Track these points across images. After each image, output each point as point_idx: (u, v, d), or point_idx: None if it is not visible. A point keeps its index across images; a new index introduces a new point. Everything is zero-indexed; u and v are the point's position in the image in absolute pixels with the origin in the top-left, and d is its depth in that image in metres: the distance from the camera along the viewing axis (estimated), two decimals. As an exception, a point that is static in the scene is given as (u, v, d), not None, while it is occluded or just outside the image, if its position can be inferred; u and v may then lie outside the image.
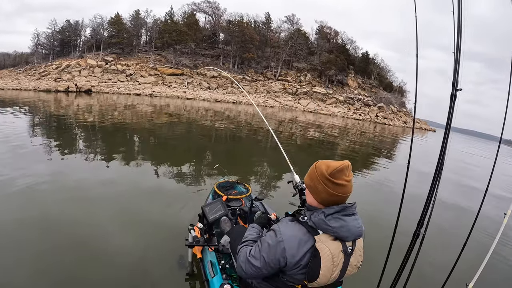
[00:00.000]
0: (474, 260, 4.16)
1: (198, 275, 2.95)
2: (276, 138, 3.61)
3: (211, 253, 2.74)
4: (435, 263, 4.13)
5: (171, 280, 3.01)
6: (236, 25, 58.14)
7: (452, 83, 1.86)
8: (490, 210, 7.58)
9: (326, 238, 1.60)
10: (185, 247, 2.86)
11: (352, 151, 14.49)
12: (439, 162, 1.94)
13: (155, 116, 17.77)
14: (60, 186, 5.09)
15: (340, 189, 1.58)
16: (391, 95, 70.12)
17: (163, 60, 53.41)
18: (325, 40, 69.31)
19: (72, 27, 59.73)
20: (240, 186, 4.18)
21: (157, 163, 7.39)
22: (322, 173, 1.61)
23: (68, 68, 45.87)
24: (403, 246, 2.20)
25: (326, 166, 1.62)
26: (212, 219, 2.73)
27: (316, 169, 1.67)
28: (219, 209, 2.91)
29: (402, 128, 49.72)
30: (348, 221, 1.61)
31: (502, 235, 2.53)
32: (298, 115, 37.46)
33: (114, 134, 10.73)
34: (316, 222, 1.62)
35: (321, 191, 1.62)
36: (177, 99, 36.04)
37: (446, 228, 5.86)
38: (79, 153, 7.49)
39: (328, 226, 1.59)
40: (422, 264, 2.91)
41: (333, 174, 1.58)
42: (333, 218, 1.60)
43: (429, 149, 21.79)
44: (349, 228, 1.61)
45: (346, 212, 1.62)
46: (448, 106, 1.89)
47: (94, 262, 3.10)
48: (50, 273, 2.89)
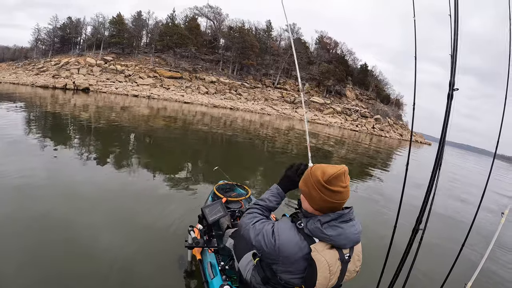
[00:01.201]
0: (473, 260, 4.41)
1: (198, 276, 2.95)
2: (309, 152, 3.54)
3: (211, 254, 2.76)
4: (434, 262, 4.16)
5: (170, 281, 3.01)
6: (237, 32, 58.44)
7: (449, 83, 1.92)
8: (488, 209, 8.01)
9: (323, 247, 1.55)
10: (184, 248, 2.87)
11: (348, 160, 14.44)
12: (437, 161, 1.97)
13: (153, 118, 17.72)
14: (55, 184, 5.01)
15: (336, 196, 1.53)
16: (388, 108, 70.59)
17: (163, 62, 53.35)
18: (324, 50, 69.87)
19: (73, 25, 59.80)
20: (240, 188, 4.16)
21: (157, 165, 7.35)
22: (318, 179, 1.55)
23: (67, 65, 45.77)
24: (403, 245, 2.21)
25: (322, 172, 1.56)
26: (211, 220, 2.70)
27: (311, 175, 1.61)
28: (219, 210, 2.86)
29: (398, 141, 50.00)
30: (345, 228, 1.57)
31: (500, 235, 2.56)
32: (295, 123, 37.43)
33: (111, 134, 10.63)
34: (312, 230, 1.57)
35: (317, 198, 1.56)
36: (175, 103, 35.95)
37: (445, 227, 5.94)
38: (81, 153, 7.32)
39: (324, 234, 1.54)
40: (422, 264, 2.90)
41: (329, 181, 1.52)
42: (329, 226, 1.55)
43: (422, 164, 21.83)
44: (346, 236, 1.57)
45: (343, 219, 1.57)
46: (445, 108, 1.95)
47: (94, 262, 3.09)
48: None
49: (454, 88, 1.91)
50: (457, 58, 1.91)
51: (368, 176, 10.83)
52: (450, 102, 1.93)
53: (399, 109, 77.51)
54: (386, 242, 2.72)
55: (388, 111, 68.41)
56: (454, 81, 1.91)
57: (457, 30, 1.89)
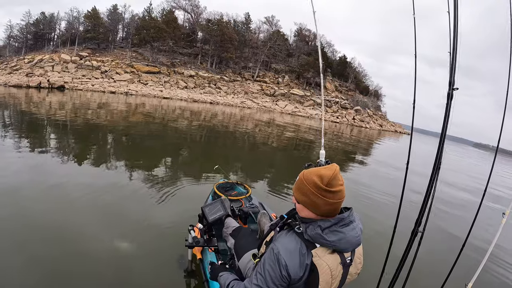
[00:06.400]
0: (473, 260, 4.29)
1: (198, 276, 2.98)
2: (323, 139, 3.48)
3: (211, 253, 2.77)
4: (435, 262, 4.20)
5: (171, 280, 3.03)
6: (215, 24, 57.63)
7: (448, 83, 1.86)
8: (489, 209, 8.02)
9: (324, 252, 1.54)
10: (185, 247, 2.88)
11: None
12: (437, 161, 1.94)
13: (133, 115, 17.36)
14: (42, 187, 4.96)
15: (337, 195, 1.53)
16: (367, 99, 71.53)
17: (140, 57, 52.33)
18: (303, 42, 70.01)
19: (47, 20, 57.76)
20: (240, 187, 4.22)
21: (156, 164, 7.35)
22: (317, 185, 1.53)
23: (41, 62, 44.29)
24: (403, 245, 2.19)
25: (318, 176, 1.54)
26: (212, 219, 2.74)
27: (307, 182, 1.58)
28: (219, 209, 2.93)
29: (378, 131, 51.02)
30: (346, 232, 1.56)
31: (501, 235, 2.57)
32: (275, 116, 37.62)
33: (98, 134, 10.37)
34: (313, 236, 1.55)
35: (321, 204, 1.54)
36: (154, 98, 35.46)
37: (445, 228, 5.98)
38: (68, 154, 7.20)
39: (325, 240, 1.53)
40: (422, 264, 2.94)
41: (330, 184, 1.51)
42: (330, 232, 1.54)
43: (405, 150, 22.19)
44: (347, 240, 1.56)
45: (343, 223, 1.57)
46: (445, 106, 1.87)
47: (93, 262, 3.11)
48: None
49: (454, 87, 1.84)
50: (456, 56, 1.84)
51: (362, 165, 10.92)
52: (450, 102, 1.85)
53: (378, 100, 78.74)
54: (386, 242, 2.73)
55: (367, 102, 69.34)
56: (454, 80, 1.84)
57: (456, 28, 1.82)
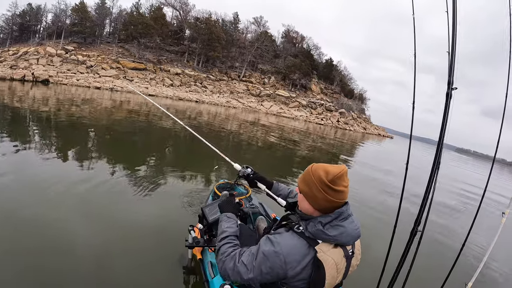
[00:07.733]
0: (473, 260, 4.50)
1: (198, 276, 2.96)
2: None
3: (211, 253, 2.73)
4: (435, 262, 4.19)
5: (171, 281, 3.00)
6: (203, 23, 57.75)
7: (447, 82, 1.85)
8: (489, 209, 8.13)
9: (327, 247, 1.54)
10: (185, 247, 2.86)
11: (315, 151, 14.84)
12: (436, 161, 1.97)
13: (124, 112, 16.90)
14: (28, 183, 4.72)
15: (339, 195, 1.54)
16: (352, 102, 72.76)
17: (126, 53, 52.18)
18: (291, 44, 70.85)
19: (34, 11, 57.15)
20: (240, 187, 4.14)
21: (155, 163, 7.26)
22: (321, 179, 1.54)
23: (25, 55, 43.68)
24: (403, 245, 2.21)
25: (325, 171, 1.56)
26: (212, 219, 2.65)
27: (313, 174, 1.59)
28: (219, 210, 2.82)
29: (362, 134, 51.74)
30: (346, 225, 1.57)
31: (501, 235, 2.57)
32: (260, 117, 37.49)
33: (82, 131, 9.93)
34: (314, 232, 1.55)
35: (320, 198, 1.55)
36: (139, 95, 34.67)
37: (445, 227, 6.02)
38: (81, 153, 7.02)
39: (327, 235, 1.53)
40: (422, 263, 2.83)
41: (333, 181, 1.52)
42: (331, 227, 1.55)
43: (388, 155, 24.20)
44: (348, 233, 1.57)
45: (343, 217, 1.58)
46: (444, 105, 1.87)
47: (93, 262, 3.06)
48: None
49: (453, 87, 1.84)
50: (455, 56, 1.85)
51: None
52: (449, 102, 1.84)
53: (362, 103, 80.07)
54: (386, 242, 2.72)
55: (352, 105, 70.71)
56: (453, 79, 1.83)
57: (455, 27, 1.83)
